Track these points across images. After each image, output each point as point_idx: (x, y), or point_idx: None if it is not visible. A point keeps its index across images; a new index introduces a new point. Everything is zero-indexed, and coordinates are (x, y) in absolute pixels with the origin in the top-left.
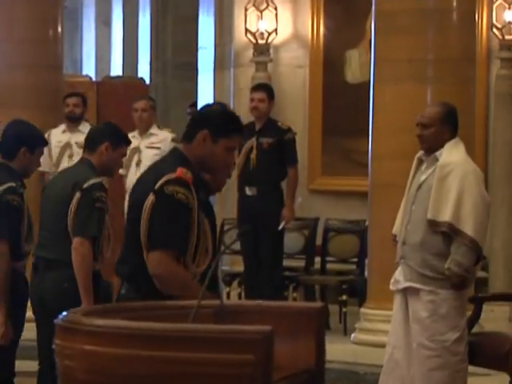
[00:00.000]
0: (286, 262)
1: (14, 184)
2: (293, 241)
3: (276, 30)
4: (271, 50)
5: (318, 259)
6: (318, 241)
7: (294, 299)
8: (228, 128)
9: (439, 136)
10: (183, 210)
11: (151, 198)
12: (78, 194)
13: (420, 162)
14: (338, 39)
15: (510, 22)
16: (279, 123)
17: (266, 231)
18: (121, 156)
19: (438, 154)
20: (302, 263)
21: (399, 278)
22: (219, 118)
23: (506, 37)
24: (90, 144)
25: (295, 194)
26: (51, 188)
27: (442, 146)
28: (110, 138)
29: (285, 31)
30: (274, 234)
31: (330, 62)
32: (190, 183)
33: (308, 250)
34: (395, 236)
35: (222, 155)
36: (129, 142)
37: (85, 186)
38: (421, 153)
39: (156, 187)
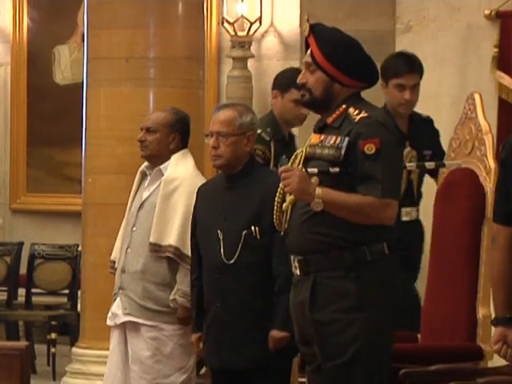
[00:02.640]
0: None
1: None
2: None
3: None
4: None
5: (22, 291)
6: (23, 269)
7: None
8: None
9: (164, 144)
10: None
11: None
12: None
13: (144, 175)
14: (45, 33)
15: (243, 16)
16: None
17: None
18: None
19: (163, 167)
20: (3, 296)
21: (117, 312)
22: None
23: (239, 33)
24: None
25: None
26: None
27: (167, 157)
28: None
29: None
30: None
31: (35, 60)
32: None
33: (10, 281)
34: (114, 263)
35: None
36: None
37: None
38: (145, 165)
39: None
